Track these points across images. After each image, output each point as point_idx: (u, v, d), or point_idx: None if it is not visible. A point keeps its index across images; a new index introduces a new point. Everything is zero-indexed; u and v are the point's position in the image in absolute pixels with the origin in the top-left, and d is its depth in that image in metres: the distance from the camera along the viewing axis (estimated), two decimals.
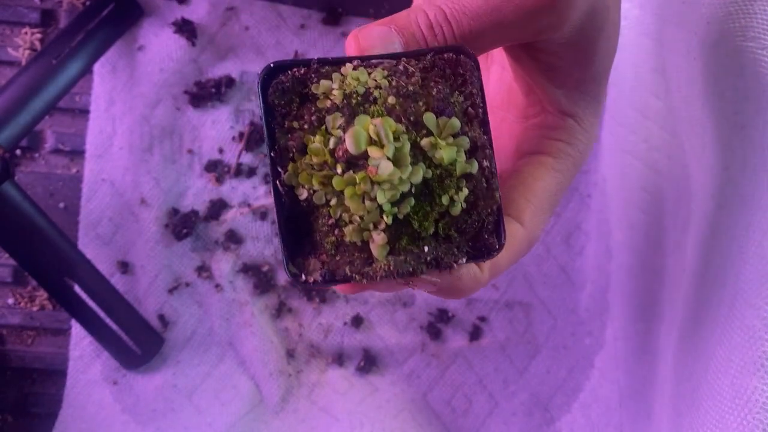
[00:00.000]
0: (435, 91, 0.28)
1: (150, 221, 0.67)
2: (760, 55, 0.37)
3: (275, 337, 0.68)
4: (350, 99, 0.27)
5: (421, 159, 0.27)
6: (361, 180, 0.26)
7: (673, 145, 0.52)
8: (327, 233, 0.28)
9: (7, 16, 0.68)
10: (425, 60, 0.28)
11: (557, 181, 0.34)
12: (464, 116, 0.29)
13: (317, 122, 0.27)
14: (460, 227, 0.28)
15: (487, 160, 0.28)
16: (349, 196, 0.26)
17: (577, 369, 0.70)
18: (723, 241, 0.42)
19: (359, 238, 0.27)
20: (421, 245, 0.28)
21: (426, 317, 0.70)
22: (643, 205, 0.58)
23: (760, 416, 0.35)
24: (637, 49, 0.54)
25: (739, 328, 0.38)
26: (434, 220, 0.28)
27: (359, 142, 0.25)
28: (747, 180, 0.40)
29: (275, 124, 0.28)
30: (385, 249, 0.27)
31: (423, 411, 0.68)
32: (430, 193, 0.27)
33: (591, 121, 0.34)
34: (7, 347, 0.67)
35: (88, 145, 0.68)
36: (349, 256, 0.28)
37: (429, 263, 0.28)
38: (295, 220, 0.28)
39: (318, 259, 0.28)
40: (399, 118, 0.27)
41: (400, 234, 0.27)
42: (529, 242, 0.33)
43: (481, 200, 0.28)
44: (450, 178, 0.27)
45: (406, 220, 0.27)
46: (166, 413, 0.66)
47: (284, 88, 0.27)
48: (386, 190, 0.26)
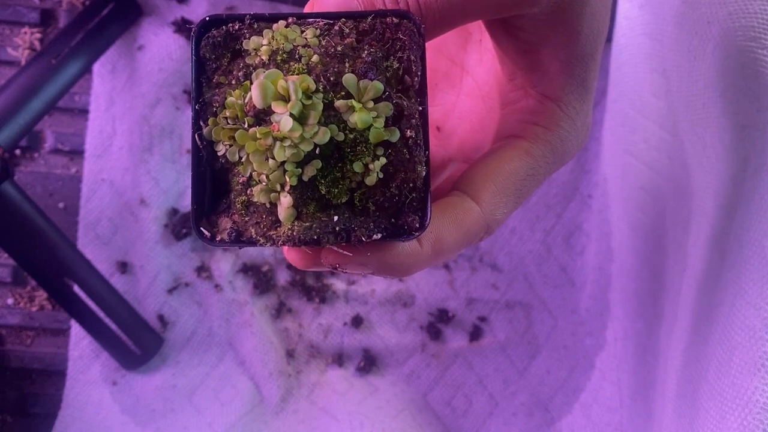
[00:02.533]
0: (365, 53, 0.26)
1: (149, 221, 0.67)
2: (760, 55, 0.37)
3: (275, 337, 0.68)
4: (276, 55, 0.26)
5: (335, 122, 0.26)
6: (262, 135, 0.25)
7: (673, 145, 0.52)
8: (240, 192, 0.27)
9: (6, 16, 0.68)
10: (365, 23, 0.27)
11: (528, 165, 0.31)
12: (399, 83, 0.27)
13: (244, 78, 0.27)
14: (378, 201, 0.27)
15: (412, 130, 0.26)
16: (251, 151, 0.25)
17: (578, 369, 0.70)
18: (723, 241, 0.42)
19: (267, 199, 0.26)
20: (331, 213, 0.26)
21: (426, 317, 0.70)
22: (644, 206, 0.58)
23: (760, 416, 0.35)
24: (637, 49, 0.54)
25: (739, 329, 0.38)
26: (349, 189, 0.26)
27: (265, 95, 0.25)
28: (747, 180, 0.40)
29: (204, 78, 0.27)
30: (292, 213, 0.26)
31: (423, 411, 0.68)
32: (341, 158, 0.26)
33: (576, 107, 0.32)
34: (7, 347, 0.67)
35: (87, 145, 0.68)
36: (258, 217, 0.27)
37: (338, 234, 0.26)
38: (216, 177, 0.27)
39: (230, 218, 0.27)
40: (318, 78, 0.26)
41: (308, 199, 0.26)
42: (486, 224, 0.30)
43: (402, 172, 0.26)
44: (365, 144, 0.26)
45: (314, 185, 0.26)
46: (166, 413, 0.66)
47: (216, 42, 0.27)
48: (286, 147, 0.25)
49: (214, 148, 0.27)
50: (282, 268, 0.69)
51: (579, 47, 0.30)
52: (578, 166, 0.71)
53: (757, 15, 0.37)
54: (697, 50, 0.42)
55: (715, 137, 0.43)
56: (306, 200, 0.26)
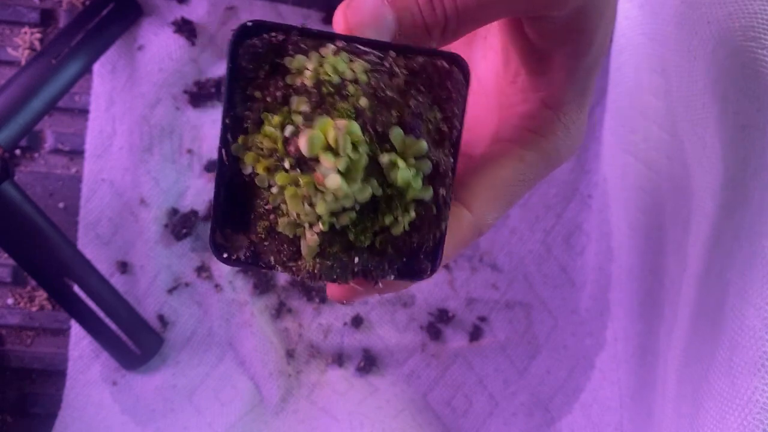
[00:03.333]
0: (413, 103, 0.26)
1: (150, 221, 0.67)
2: (760, 55, 0.37)
3: (275, 337, 0.68)
4: (322, 86, 0.25)
5: (376, 175, 0.25)
6: (306, 184, 0.24)
7: (673, 145, 0.52)
8: (262, 216, 0.26)
9: (6, 16, 0.68)
10: (415, 62, 0.26)
11: (520, 172, 0.31)
12: (437, 133, 0.27)
13: (282, 98, 0.25)
14: (397, 245, 0.27)
15: (444, 188, 0.26)
16: (289, 195, 0.25)
17: (578, 369, 0.70)
18: (724, 241, 0.42)
19: (292, 232, 0.26)
20: (352, 255, 0.26)
21: (426, 317, 0.70)
22: (644, 206, 0.58)
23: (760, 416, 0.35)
24: (637, 49, 0.54)
25: (739, 328, 0.38)
26: (373, 233, 0.26)
27: (313, 146, 0.24)
28: (748, 180, 0.40)
29: (237, 88, 0.26)
30: (315, 251, 0.26)
31: (423, 411, 0.68)
32: (374, 209, 0.26)
33: (574, 117, 0.32)
34: (7, 347, 0.67)
35: (87, 145, 0.68)
36: (278, 244, 0.26)
37: (356, 273, 0.26)
38: (235, 191, 0.27)
39: (247, 237, 0.27)
40: (365, 125, 0.25)
41: (333, 241, 0.26)
42: (478, 230, 0.31)
43: (426, 227, 0.27)
44: (400, 199, 0.26)
45: (343, 231, 0.26)
46: (166, 413, 0.66)
47: (256, 52, 0.25)
48: (328, 202, 0.24)
49: (239, 165, 0.26)
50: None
51: (590, 57, 0.30)
52: (578, 166, 0.71)
53: (757, 15, 0.37)
54: (697, 50, 0.42)
55: (715, 137, 0.43)
56: (332, 242, 0.26)
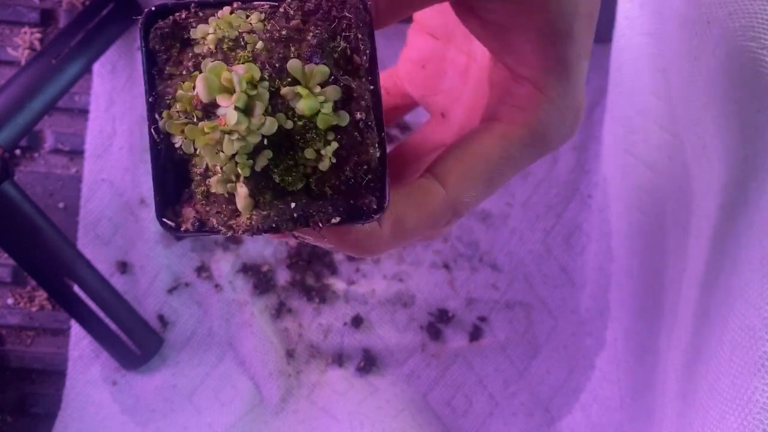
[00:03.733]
0: (311, 35, 0.26)
1: (150, 221, 0.67)
2: (761, 55, 0.37)
3: (275, 337, 0.68)
4: (222, 44, 0.26)
5: (283, 110, 0.25)
6: (210, 129, 0.24)
7: (673, 145, 0.52)
8: (199, 183, 0.27)
9: (6, 16, 0.68)
10: (310, 2, 0.26)
11: (501, 148, 0.30)
12: (348, 63, 0.26)
13: (194, 68, 0.26)
14: (334, 184, 0.27)
15: (362, 112, 0.26)
16: (201, 145, 0.25)
17: (578, 369, 0.70)
18: (724, 241, 0.42)
19: (224, 189, 0.26)
20: (288, 200, 0.26)
21: (426, 317, 0.70)
22: (644, 206, 0.58)
23: (760, 416, 0.35)
24: (637, 49, 0.54)
25: (739, 328, 0.38)
26: (303, 176, 0.26)
27: (210, 89, 0.24)
28: (748, 180, 0.40)
29: (155, 70, 0.27)
30: (250, 202, 0.26)
31: (423, 411, 0.68)
32: (292, 145, 0.26)
33: (558, 89, 0.30)
34: (7, 347, 0.67)
35: (87, 144, 0.68)
36: (218, 206, 0.27)
37: (296, 220, 0.26)
38: (176, 168, 0.27)
39: (193, 207, 0.27)
40: (264, 65, 0.25)
41: (263, 188, 0.26)
42: (451, 207, 0.30)
43: (354, 155, 0.26)
44: (315, 131, 0.26)
45: (268, 174, 0.26)
46: (166, 413, 0.66)
47: (164, 33, 0.27)
48: (234, 141, 0.24)
49: (171, 140, 0.26)
50: (282, 268, 0.69)
51: (549, 26, 0.29)
52: (578, 166, 0.71)
53: (757, 15, 0.37)
54: (698, 50, 0.42)
55: (715, 137, 0.43)
56: (262, 189, 0.26)
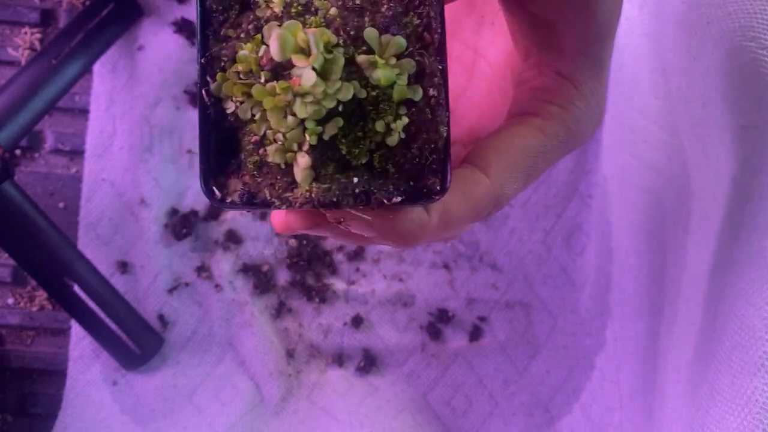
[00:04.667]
0: (385, 7, 0.25)
1: (150, 221, 0.67)
2: (760, 55, 0.37)
3: (275, 337, 0.68)
4: (290, 8, 0.25)
5: (357, 78, 0.24)
6: (282, 90, 0.23)
7: (673, 145, 0.52)
8: (251, 152, 0.26)
9: (6, 16, 0.68)
10: None
11: (540, 143, 0.31)
12: (417, 40, 0.26)
13: (254, 31, 0.25)
14: (398, 162, 0.26)
15: (434, 88, 0.25)
16: (269, 107, 0.24)
17: (578, 369, 0.70)
18: (723, 241, 0.42)
19: (282, 159, 0.25)
20: (351, 175, 0.25)
21: (426, 317, 0.70)
22: (644, 206, 0.58)
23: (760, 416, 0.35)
24: (637, 49, 0.54)
25: (739, 328, 0.38)
26: (368, 150, 0.25)
27: (285, 48, 0.23)
28: (747, 180, 0.40)
29: (210, 30, 0.26)
30: (310, 174, 0.25)
31: (423, 411, 0.68)
32: (363, 116, 0.25)
33: (591, 87, 0.32)
34: (7, 347, 0.67)
35: (87, 144, 0.68)
36: (272, 178, 0.26)
37: (357, 196, 0.25)
38: (224, 136, 0.26)
39: (240, 179, 0.26)
40: (338, 31, 0.24)
41: (326, 159, 0.25)
42: (495, 198, 0.30)
43: (423, 132, 0.25)
44: (388, 102, 0.25)
45: (334, 144, 0.25)
46: (166, 413, 0.66)
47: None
48: (308, 104, 0.23)
49: (222, 105, 0.25)
50: (282, 268, 0.69)
51: (595, 25, 0.30)
52: (578, 166, 0.71)
53: (757, 15, 0.37)
54: (697, 50, 0.42)
55: (715, 137, 0.43)
56: (325, 161, 0.25)
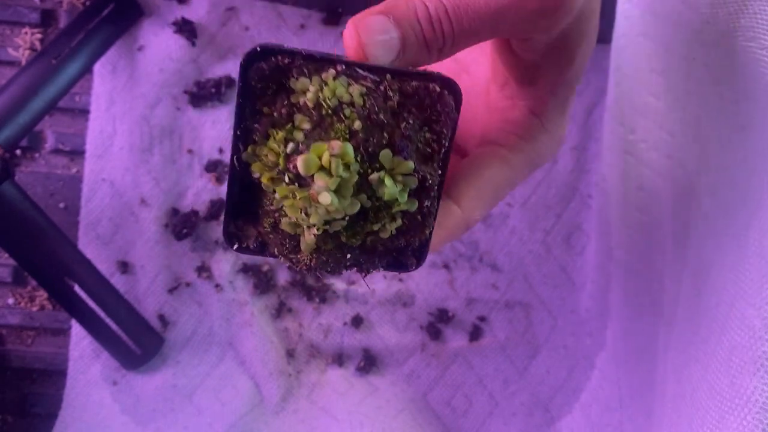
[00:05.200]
0: (404, 125, 0.28)
1: (150, 221, 0.67)
2: (760, 55, 0.37)
3: (275, 337, 0.68)
4: (321, 108, 0.27)
5: (365, 190, 0.28)
6: (302, 198, 0.27)
7: (672, 145, 0.52)
8: (268, 213, 0.29)
9: (7, 16, 0.68)
10: (409, 85, 0.28)
11: (505, 174, 0.34)
12: (426, 149, 0.29)
13: (286, 115, 0.28)
14: (386, 245, 0.30)
15: (429, 200, 0.29)
16: (288, 205, 0.27)
17: (578, 369, 0.70)
18: (723, 241, 0.42)
19: (293, 231, 0.29)
20: (345, 252, 0.30)
21: (426, 317, 0.70)
22: (643, 205, 0.58)
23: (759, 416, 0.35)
24: (636, 49, 0.54)
25: (739, 328, 0.38)
26: (364, 234, 0.29)
27: (309, 167, 0.26)
28: (747, 180, 0.40)
29: (247, 103, 0.28)
30: (312, 248, 0.29)
31: (423, 411, 0.68)
32: (364, 218, 0.29)
33: (556, 123, 0.35)
34: (7, 347, 0.67)
35: (88, 145, 0.68)
36: (281, 238, 0.29)
37: (348, 266, 0.30)
38: (246, 189, 0.30)
39: (256, 229, 0.30)
40: (358, 146, 0.27)
41: (328, 240, 0.29)
42: (466, 225, 0.34)
43: (411, 233, 0.30)
44: (387, 210, 0.29)
45: (336, 234, 0.29)
46: (166, 413, 0.66)
47: (264, 74, 0.28)
48: (320, 215, 0.27)
49: (249, 169, 0.29)
50: (282, 268, 0.69)
51: (570, 72, 0.33)
52: (578, 166, 0.71)
53: (757, 15, 0.37)
54: (697, 50, 0.42)
55: (715, 137, 0.43)
56: (326, 240, 0.29)
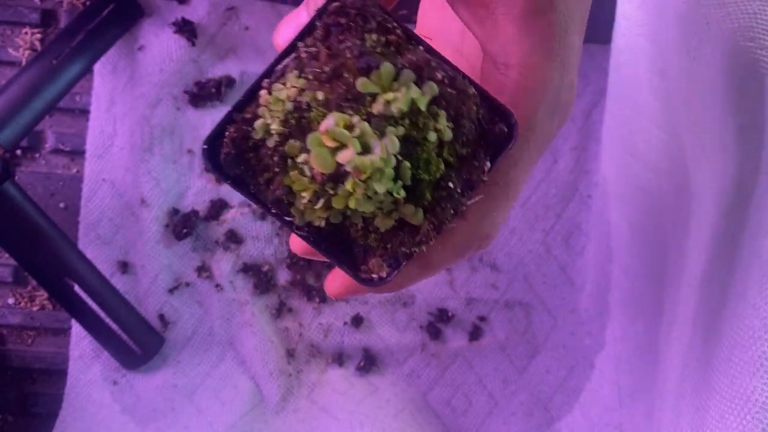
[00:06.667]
0: (348, 53, 0.25)
1: (150, 221, 0.68)
2: (760, 55, 0.37)
3: (275, 336, 0.68)
4: (289, 122, 0.25)
5: (386, 123, 0.25)
6: (354, 187, 0.24)
7: (673, 146, 0.52)
8: (360, 236, 0.28)
9: (7, 16, 0.68)
10: (317, 32, 0.26)
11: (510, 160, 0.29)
12: (389, 47, 0.26)
13: (281, 161, 0.26)
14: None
15: (438, 70, 0.25)
16: (356, 204, 0.25)
17: (577, 369, 0.70)
18: (723, 241, 0.42)
19: (390, 223, 0.26)
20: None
21: (426, 317, 0.70)
22: (643, 206, 0.58)
23: (759, 416, 0.35)
24: (636, 49, 0.54)
25: (739, 328, 0.38)
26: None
27: (325, 161, 0.24)
28: (747, 180, 0.40)
29: (253, 188, 0.26)
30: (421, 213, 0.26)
31: (423, 411, 0.69)
32: (416, 142, 0.25)
33: (545, 70, 0.28)
34: (8, 347, 0.67)
35: (88, 145, 0.68)
36: (396, 241, 0.27)
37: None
38: (331, 236, 0.28)
39: (375, 258, 0.28)
40: (340, 107, 0.25)
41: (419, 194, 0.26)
42: (475, 237, 0.30)
43: (461, 104, 0.26)
44: (419, 115, 0.25)
45: (414, 179, 0.26)
46: (167, 413, 0.66)
47: (232, 156, 0.26)
48: (380, 178, 0.24)
49: (313, 223, 0.27)
50: (282, 267, 0.69)
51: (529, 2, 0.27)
52: (578, 166, 0.71)
53: (756, 15, 0.37)
54: (696, 51, 0.42)
55: (715, 138, 0.43)
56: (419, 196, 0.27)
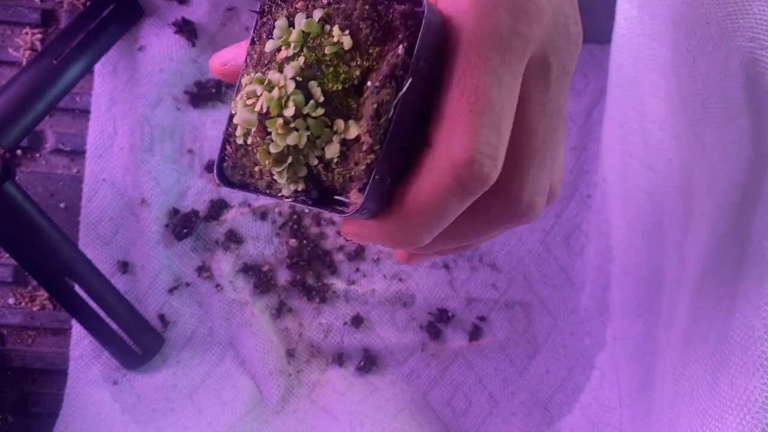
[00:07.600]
0: (266, 31, 0.27)
1: (150, 221, 0.68)
2: (760, 55, 0.37)
3: (275, 337, 0.68)
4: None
5: (287, 62, 0.26)
6: (272, 125, 0.25)
7: (672, 146, 0.52)
8: (330, 180, 0.27)
9: (7, 17, 0.68)
10: (259, 31, 0.28)
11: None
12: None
13: (256, 151, 0.26)
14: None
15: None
16: (281, 138, 0.25)
17: (577, 369, 0.70)
18: (722, 241, 0.42)
19: (336, 148, 0.26)
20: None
21: (426, 317, 0.70)
22: (643, 206, 0.58)
23: (759, 416, 0.35)
24: (636, 49, 0.54)
25: (738, 328, 0.38)
26: None
27: (248, 117, 0.25)
28: (747, 180, 0.40)
29: (252, 186, 0.28)
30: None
31: (423, 410, 0.69)
32: None
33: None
34: (8, 347, 0.67)
35: (88, 145, 0.68)
36: (352, 163, 0.26)
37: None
38: (323, 195, 0.27)
39: (353, 191, 0.27)
40: (258, 72, 0.26)
41: None
42: (451, 166, 0.26)
43: (352, 11, 0.26)
44: (313, 40, 0.26)
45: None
46: (167, 413, 0.66)
47: (231, 166, 0.27)
48: (285, 104, 0.25)
49: None
50: (282, 267, 0.69)
51: None
52: (577, 167, 0.71)
53: (756, 16, 0.37)
54: (696, 51, 0.42)
55: (715, 138, 0.43)
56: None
